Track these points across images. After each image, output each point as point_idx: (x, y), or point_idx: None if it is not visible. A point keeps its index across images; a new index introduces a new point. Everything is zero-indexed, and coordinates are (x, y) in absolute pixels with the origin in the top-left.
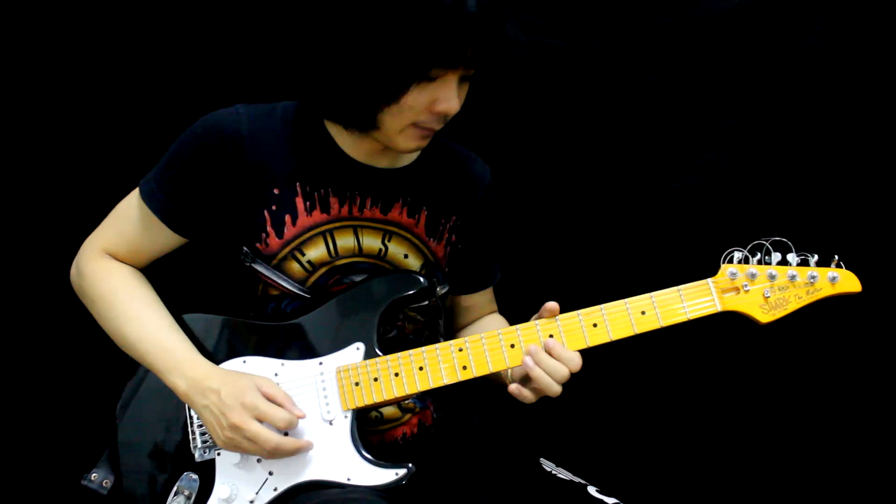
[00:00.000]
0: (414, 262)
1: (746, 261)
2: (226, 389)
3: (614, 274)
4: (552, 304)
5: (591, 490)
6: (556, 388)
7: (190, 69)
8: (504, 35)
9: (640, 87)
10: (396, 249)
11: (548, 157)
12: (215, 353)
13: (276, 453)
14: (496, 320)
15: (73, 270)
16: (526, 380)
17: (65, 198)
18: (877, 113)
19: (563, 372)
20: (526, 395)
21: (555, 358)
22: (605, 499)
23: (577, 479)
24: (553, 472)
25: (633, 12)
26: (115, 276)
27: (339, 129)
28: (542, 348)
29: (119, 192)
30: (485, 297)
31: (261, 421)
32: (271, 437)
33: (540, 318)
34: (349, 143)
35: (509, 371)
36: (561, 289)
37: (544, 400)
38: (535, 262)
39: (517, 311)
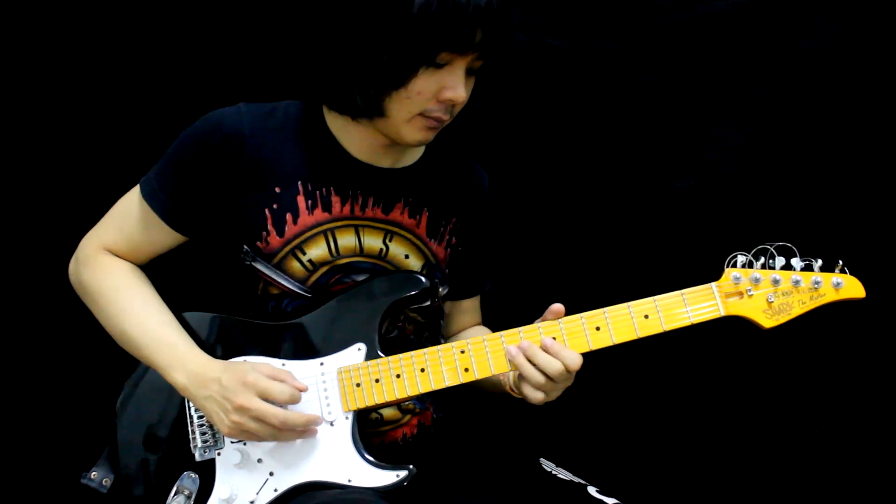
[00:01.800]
0: (415, 263)
1: (750, 265)
2: (226, 376)
3: (617, 276)
4: (557, 306)
5: (591, 490)
6: (540, 379)
7: (191, 67)
8: (511, 25)
9: (640, 87)
10: (397, 250)
11: (548, 158)
12: (216, 352)
13: (284, 428)
14: (481, 332)
15: (71, 266)
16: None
17: (65, 196)
18: (878, 113)
19: (556, 366)
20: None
21: (551, 354)
22: (605, 499)
23: (577, 480)
24: (553, 472)
25: (633, 12)
26: (116, 273)
27: (341, 127)
28: (539, 346)
29: (119, 190)
30: (471, 306)
31: (265, 400)
32: (278, 412)
33: (544, 320)
34: (352, 142)
35: (509, 375)
36: (563, 291)
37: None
38: (537, 264)
39: (519, 313)
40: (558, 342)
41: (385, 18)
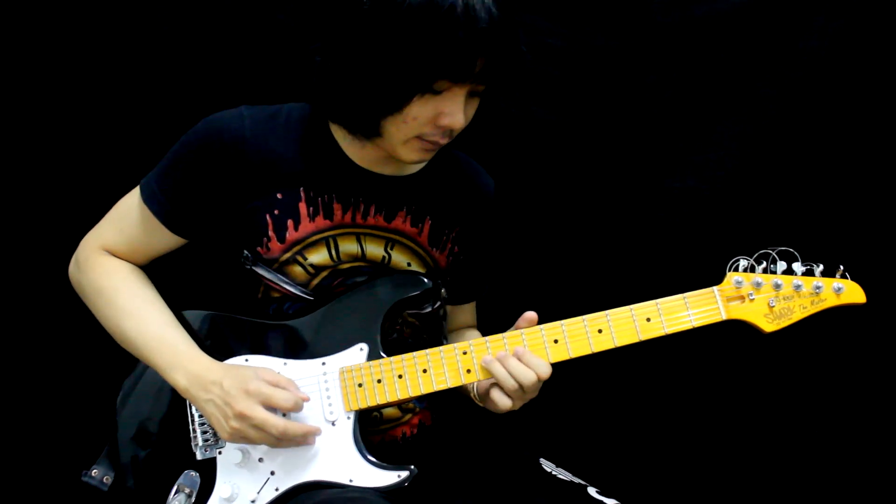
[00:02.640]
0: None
1: (752, 269)
2: (228, 380)
3: (617, 277)
4: (530, 315)
5: (591, 491)
6: (512, 384)
7: (194, 69)
8: (518, 52)
9: (641, 86)
10: (399, 258)
11: (548, 158)
12: (217, 351)
13: (283, 438)
14: (473, 336)
15: (71, 266)
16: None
17: (66, 197)
18: (879, 114)
19: (528, 375)
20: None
21: (524, 364)
22: (605, 500)
23: (577, 480)
24: (553, 472)
25: (634, 12)
26: (116, 273)
27: (344, 134)
28: (512, 355)
29: (120, 191)
30: (467, 310)
31: (266, 408)
32: (278, 422)
33: (517, 328)
34: (355, 150)
35: (474, 385)
36: (563, 292)
37: (544, 401)
38: (537, 265)
39: (520, 314)
40: (529, 351)
41: (380, 42)
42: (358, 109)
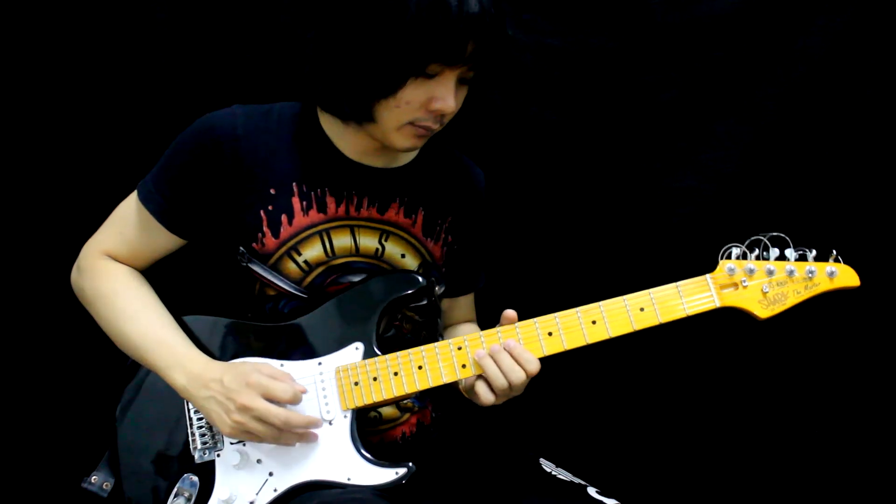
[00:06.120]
0: (411, 262)
1: (744, 256)
2: (228, 376)
3: (613, 271)
4: (510, 313)
5: (591, 491)
6: (502, 382)
7: (188, 70)
8: (505, 38)
9: (640, 86)
10: (393, 249)
11: (547, 157)
12: (215, 354)
13: (285, 428)
14: (471, 330)
15: (74, 273)
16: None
17: (63, 200)
18: (875, 111)
19: (519, 374)
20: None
21: (514, 359)
22: (605, 500)
23: (577, 480)
24: (553, 472)
25: (633, 12)
26: (115, 277)
27: (336, 128)
28: (503, 348)
29: (118, 194)
30: (465, 303)
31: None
32: (280, 412)
33: (500, 326)
34: (346, 143)
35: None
36: (559, 286)
37: (545, 400)
38: (535, 263)
39: (517, 310)
40: (520, 345)
41: (375, 27)
42: (352, 93)
